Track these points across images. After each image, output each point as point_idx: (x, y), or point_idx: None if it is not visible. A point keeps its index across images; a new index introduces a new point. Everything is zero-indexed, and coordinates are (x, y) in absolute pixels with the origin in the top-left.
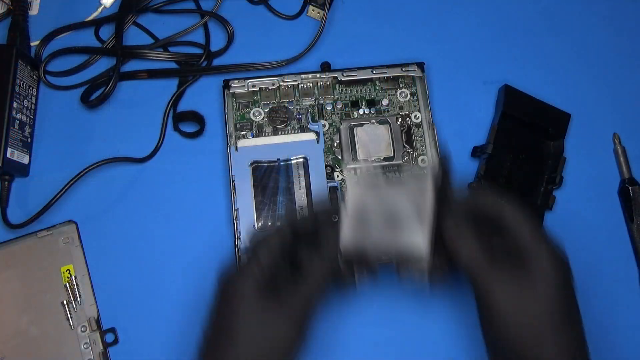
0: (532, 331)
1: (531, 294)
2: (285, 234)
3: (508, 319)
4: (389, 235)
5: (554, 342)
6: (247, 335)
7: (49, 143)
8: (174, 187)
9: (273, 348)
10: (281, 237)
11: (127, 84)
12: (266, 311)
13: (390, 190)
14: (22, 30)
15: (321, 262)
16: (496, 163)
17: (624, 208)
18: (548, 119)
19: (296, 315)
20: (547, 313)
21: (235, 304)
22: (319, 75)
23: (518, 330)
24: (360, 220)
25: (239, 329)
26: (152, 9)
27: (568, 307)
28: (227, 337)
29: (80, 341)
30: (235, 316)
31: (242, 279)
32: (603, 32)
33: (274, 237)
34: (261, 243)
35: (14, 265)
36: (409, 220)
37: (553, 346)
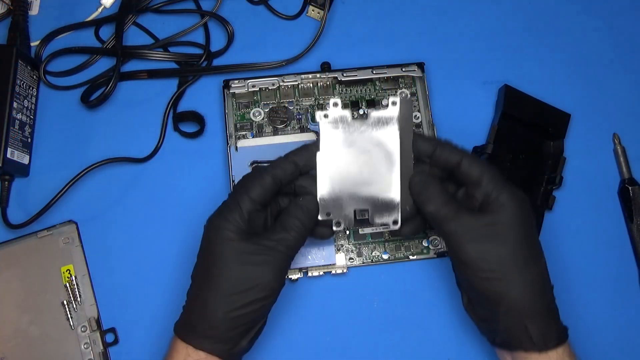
0: (499, 272)
1: (495, 237)
2: (266, 182)
3: (476, 263)
4: (362, 185)
5: (520, 281)
6: (228, 276)
7: (49, 143)
8: (174, 187)
9: (252, 290)
10: (262, 185)
11: (127, 84)
12: (246, 255)
13: (362, 140)
14: (22, 30)
15: (300, 212)
16: (496, 163)
17: (624, 208)
18: (548, 119)
19: (275, 261)
20: (511, 254)
21: (217, 247)
22: (319, 75)
23: (486, 273)
24: (335, 171)
25: (220, 270)
26: (152, 9)
27: (530, 246)
28: (209, 278)
29: (81, 341)
30: (217, 258)
31: (224, 223)
32: (603, 32)
33: (256, 185)
34: (242, 188)
35: (14, 265)
36: (380, 169)
37: (520, 284)
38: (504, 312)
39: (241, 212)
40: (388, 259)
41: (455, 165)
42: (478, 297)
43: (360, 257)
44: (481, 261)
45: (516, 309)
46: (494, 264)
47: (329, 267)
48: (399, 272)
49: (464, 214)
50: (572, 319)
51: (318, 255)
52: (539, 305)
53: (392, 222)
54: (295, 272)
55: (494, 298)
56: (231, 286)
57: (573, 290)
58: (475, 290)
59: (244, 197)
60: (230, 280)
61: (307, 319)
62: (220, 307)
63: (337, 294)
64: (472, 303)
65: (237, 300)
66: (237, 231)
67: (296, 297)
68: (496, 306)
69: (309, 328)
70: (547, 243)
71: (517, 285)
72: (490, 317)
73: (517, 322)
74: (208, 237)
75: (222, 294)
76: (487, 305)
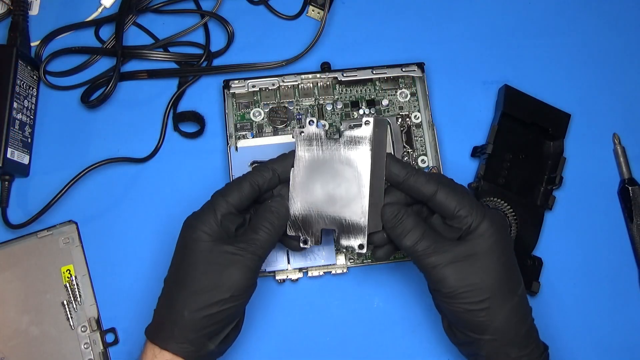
0: (483, 302)
1: (478, 268)
2: (244, 188)
3: (460, 295)
4: (331, 204)
5: (504, 309)
6: (193, 275)
7: (49, 143)
8: (174, 187)
9: (217, 289)
10: (240, 190)
11: (127, 84)
12: (214, 254)
13: (334, 159)
14: (22, 30)
15: (270, 214)
16: (496, 163)
17: (624, 208)
18: (548, 119)
19: (243, 261)
20: (495, 283)
21: (187, 246)
22: (319, 75)
23: (470, 304)
24: (306, 189)
25: (187, 269)
26: (152, 9)
27: (511, 272)
28: (177, 277)
29: (81, 341)
30: (186, 257)
31: (197, 224)
32: (603, 32)
33: (234, 190)
34: (220, 192)
35: (14, 265)
36: (350, 190)
37: (504, 313)
38: (487, 340)
39: (215, 215)
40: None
41: (430, 197)
42: (461, 325)
43: (360, 257)
44: (465, 293)
45: (500, 336)
46: (478, 295)
47: (329, 267)
48: (399, 272)
49: (442, 246)
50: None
51: (318, 255)
52: (522, 331)
53: (358, 246)
54: (295, 272)
55: (478, 327)
56: (197, 285)
57: (573, 290)
58: (459, 320)
59: (220, 200)
60: (196, 279)
61: (307, 319)
62: (186, 306)
63: (337, 294)
64: (452, 328)
65: (202, 300)
66: (210, 232)
67: (296, 297)
68: (480, 334)
69: (309, 328)
70: (547, 243)
71: (501, 314)
72: (472, 343)
73: (501, 349)
74: (182, 237)
75: (188, 292)
76: (470, 332)
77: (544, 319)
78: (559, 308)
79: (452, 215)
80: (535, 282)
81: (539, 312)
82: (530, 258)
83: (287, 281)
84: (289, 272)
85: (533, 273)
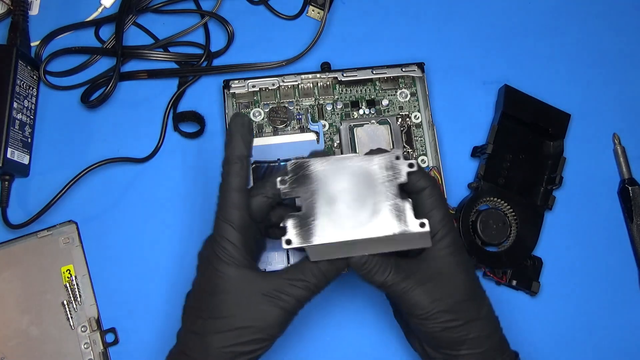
0: (458, 319)
1: (443, 282)
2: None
3: (435, 315)
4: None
5: (478, 321)
6: (232, 312)
7: (49, 143)
8: (174, 187)
9: (258, 330)
10: (236, 207)
11: (127, 84)
12: (252, 296)
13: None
14: (22, 30)
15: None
16: (496, 163)
17: (624, 208)
18: (548, 119)
19: (286, 308)
20: (466, 297)
21: (220, 286)
22: (319, 75)
23: (446, 322)
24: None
25: (224, 307)
26: (152, 9)
27: (476, 283)
28: (212, 311)
29: (81, 341)
30: (223, 295)
31: (221, 263)
32: (603, 32)
33: (229, 208)
34: (221, 217)
35: (14, 265)
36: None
37: (478, 324)
38: (464, 355)
39: (230, 243)
40: None
41: (419, 190)
42: (437, 344)
43: None
44: (438, 312)
45: (477, 348)
46: (450, 311)
47: None
48: None
49: (409, 270)
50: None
51: None
52: (496, 339)
53: None
54: None
55: (455, 343)
56: (232, 322)
57: (573, 290)
58: (435, 339)
59: (223, 225)
60: (230, 315)
61: (307, 319)
62: (218, 341)
63: (337, 294)
64: (426, 351)
65: (235, 335)
66: (236, 265)
67: None
68: (457, 350)
69: (309, 328)
70: (547, 243)
71: (475, 326)
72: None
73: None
74: (207, 273)
75: (220, 326)
76: (448, 350)
77: (544, 319)
78: (559, 308)
79: (424, 214)
80: (535, 282)
81: (539, 312)
82: (530, 258)
83: None
84: None
85: (533, 273)
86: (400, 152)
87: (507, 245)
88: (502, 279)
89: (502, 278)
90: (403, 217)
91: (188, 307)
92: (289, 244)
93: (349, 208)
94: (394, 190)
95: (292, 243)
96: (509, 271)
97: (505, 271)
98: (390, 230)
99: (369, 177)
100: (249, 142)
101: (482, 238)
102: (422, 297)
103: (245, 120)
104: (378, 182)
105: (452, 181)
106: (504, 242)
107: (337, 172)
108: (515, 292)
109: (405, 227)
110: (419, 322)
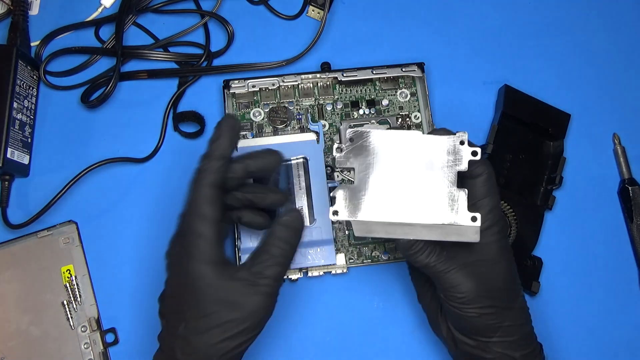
0: (495, 306)
1: (485, 269)
2: (211, 197)
3: (470, 297)
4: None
5: (512, 310)
6: (212, 309)
7: (49, 143)
8: (174, 187)
9: (240, 322)
10: (210, 202)
11: (127, 84)
12: (231, 288)
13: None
14: (22, 30)
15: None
16: (496, 163)
17: (624, 208)
18: (548, 119)
19: (267, 292)
20: (505, 285)
21: (197, 285)
22: (319, 75)
23: (484, 308)
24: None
25: (201, 306)
26: (152, 9)
27: (515, 273)
28: (189, 310)
29: (81, 341)
30: (195, 295)
31: (194, 262)
32: (603, 32)
33: (203, 204)
34: (193, 214)
35: (14, 265)
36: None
37: (512, 314)
38: (495, 342)
39: (205, 240)
40: (388, 259)
41: (475, 176)
42: (470, 330)
43: (360, 257)
44: (477, 297)
45: (507, 337)
46: (489, 298)
47: (329, 267)
48: (399, 272)
49: (452, 253)
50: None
51: (318, 255)
52: (527, 331)
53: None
54: (295, 272)
55: (488, 329)
56: (212, 319)
57: (573, 290)
58: (470, 325)
59: (198, 224)
60: (209, 312)
61: (307, 319)
62: (202, 340)
63: (337, 294)
64: (454, 337)
65: (219, 332)
66: (210, 262)
67: (296, 297)
68: (489, 337)
69: (309, 328)
70: (547, 243)
71: (509, 315)
72: (477, 347)
73: (507, 350)
74: (181, 273)
75: (203, 326)
76: (479, 337)
77: (544, 319)
78: (559, 308)
79: (474, 202)
80: (535, 282)
81: (539, 312)
82: (530, 258)
83: (287, 281)
84: (289, 271)
85: (533, 273)
86: (465, 137)
87: None
88: None
89: None
90: (456, 207)
91: (167, 311)
92: (335, 215)
93: (402, 188)
94: (452, 177)
95: (338, 215)
96: None
97: None
98: (440, 220)
99: (429, 158)
100: (234, 144)
101: None
102: (463, 280)
103: (237, 123)
104: (437, 165)
105: None
106: None
107: (397, 148)
108: None
109: (457, 219)
110: (457, 305)
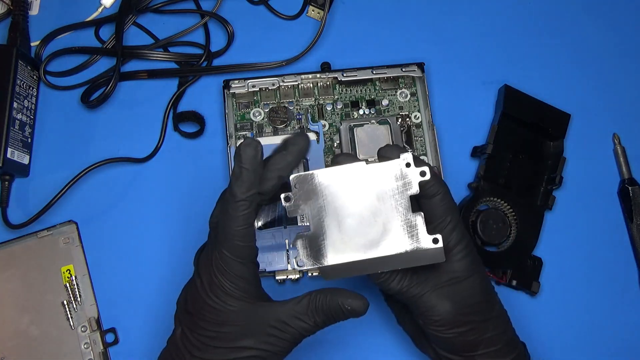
0: (474, 322)
1: (459, 287)
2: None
3: (451, 321)
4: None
5: (491, 322)
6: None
7: (49, 143)
8: (174, 187)
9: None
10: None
11: (127, 84)
12: (260, 325)
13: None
14: (22, 30)
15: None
16: (496, 163)
17: (624, 208)
18: (548, 119)
19: (292, 338)
20: (481, 300)
21: (231, 318)
22: (319, 75)
23: (463, 326)
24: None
25: (234, 336)
26: (152, 9)
27: (489, 284)
28: (221, 344)
29: (81, 341)
30: (231, 327)
31: (231, 297)
32: (603, 32)
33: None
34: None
35: (14, 265)
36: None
37: (491, 325)
38: (479, 355)
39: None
40: None
41: (430, 196)
42: (453, 349)
43: None
44: (455, 317)
45: (491, 347)
46: (466, 315)
47: None
48: None
49: (424, 276)
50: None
51: None
52: (510, 335)
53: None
54: (295, 272)
55: (471, 345)
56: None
57: (573, 290)
58: (451, 345)
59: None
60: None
61: None
62: (218, 356)
63: None
64: (439, 355)
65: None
66: (246, 298)
67: None
68: (473, 352)
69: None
70: (547, 243)
71: (490, 325)
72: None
73: (493, 359)
74: (209, 295)
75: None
76: (463, 353)
77: (544, 319)
78: (559, 308)
79: (437, 220)
80: (535, 282)
81: (539, 312)
82: (530, 258)
83: (287, 281)
84: (289, 272)
85: (533, 273)
86: (410, 158)
87: (507, 245)
88: (502, 279)
89: (502, 278)
90: (415, 233)
91: (184, 319)
92: (301, 266)
93: (359, 225)
94: (404, 203)
95: (304, 265)
96: (509, 271)
97: (505, 271)
98: (403, 248)
99: (378, 189)
100: (258, 175)
101: (482, 238)
102: (438, 301)
103: (258, 150)
104: (387, 195)
105: (452, 181)
106: (504, 242)
107: (345, 184)
108: (515, 292)
109: (418, 245)
110: (436, 328)
